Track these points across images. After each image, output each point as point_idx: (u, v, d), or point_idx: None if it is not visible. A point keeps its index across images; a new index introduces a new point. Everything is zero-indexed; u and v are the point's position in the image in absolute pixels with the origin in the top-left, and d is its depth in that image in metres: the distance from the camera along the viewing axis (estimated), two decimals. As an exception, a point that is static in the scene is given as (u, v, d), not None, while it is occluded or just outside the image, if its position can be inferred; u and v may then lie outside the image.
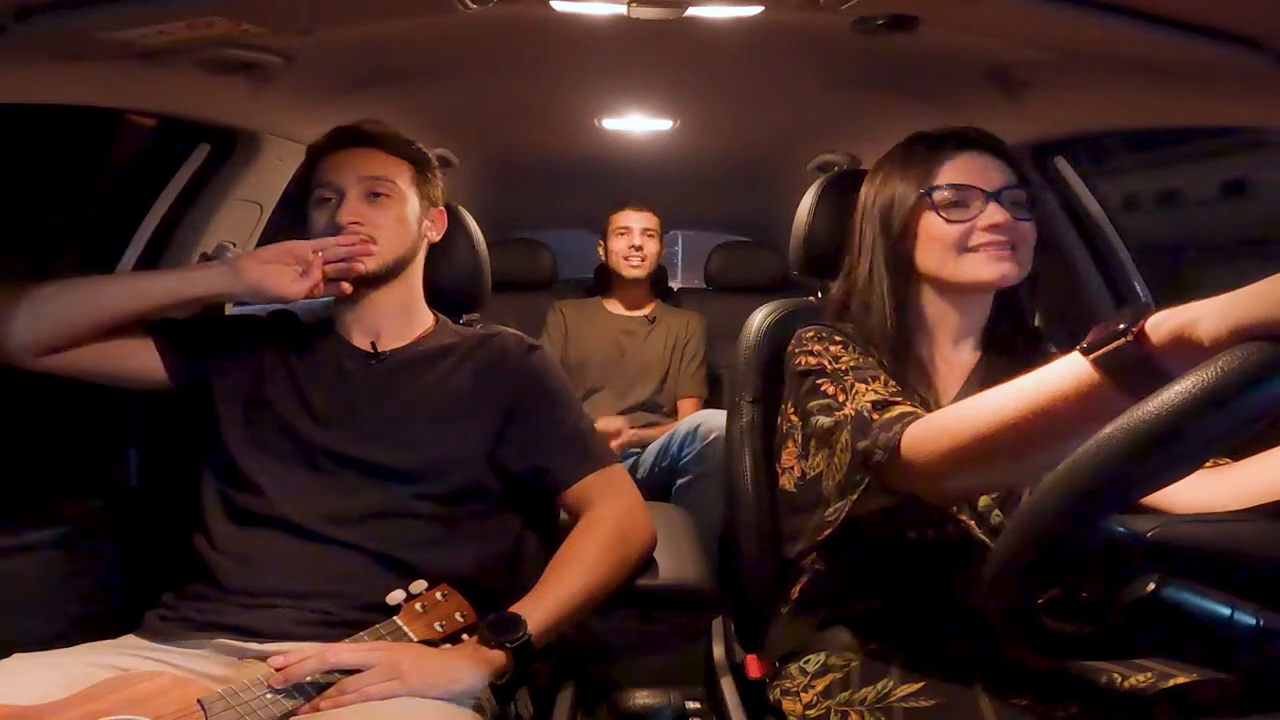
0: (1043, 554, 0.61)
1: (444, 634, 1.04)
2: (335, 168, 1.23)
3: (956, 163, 1.05)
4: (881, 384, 0.97)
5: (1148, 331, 0.62)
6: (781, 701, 1.05)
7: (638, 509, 1.22)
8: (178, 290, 1.18)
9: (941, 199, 1.04)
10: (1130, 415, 0.56)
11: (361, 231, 1.20)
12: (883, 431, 0.88)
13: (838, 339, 1.06)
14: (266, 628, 1.04)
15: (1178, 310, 0.61)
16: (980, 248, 1.03)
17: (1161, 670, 0.85)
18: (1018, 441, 0.73)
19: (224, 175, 1.68)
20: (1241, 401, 0.53)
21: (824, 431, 0.99)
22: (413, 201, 1.27)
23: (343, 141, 1.25)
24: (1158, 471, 0.57)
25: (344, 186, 1.22)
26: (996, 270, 1.03)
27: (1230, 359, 0.54)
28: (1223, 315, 0.57)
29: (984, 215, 1.03)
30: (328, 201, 1.22)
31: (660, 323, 2.66)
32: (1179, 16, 0.96)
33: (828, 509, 0.98)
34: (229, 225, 1.72)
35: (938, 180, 1.05)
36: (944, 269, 1.05)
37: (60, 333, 1.14)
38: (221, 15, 1.04)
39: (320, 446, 1.16)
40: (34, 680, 0.90)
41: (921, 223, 1.06)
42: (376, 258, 1.21)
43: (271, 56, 1.31)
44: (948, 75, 1.45)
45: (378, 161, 1.24)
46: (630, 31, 1.31)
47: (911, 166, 1.07)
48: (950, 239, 1.04)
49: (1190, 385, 0.54)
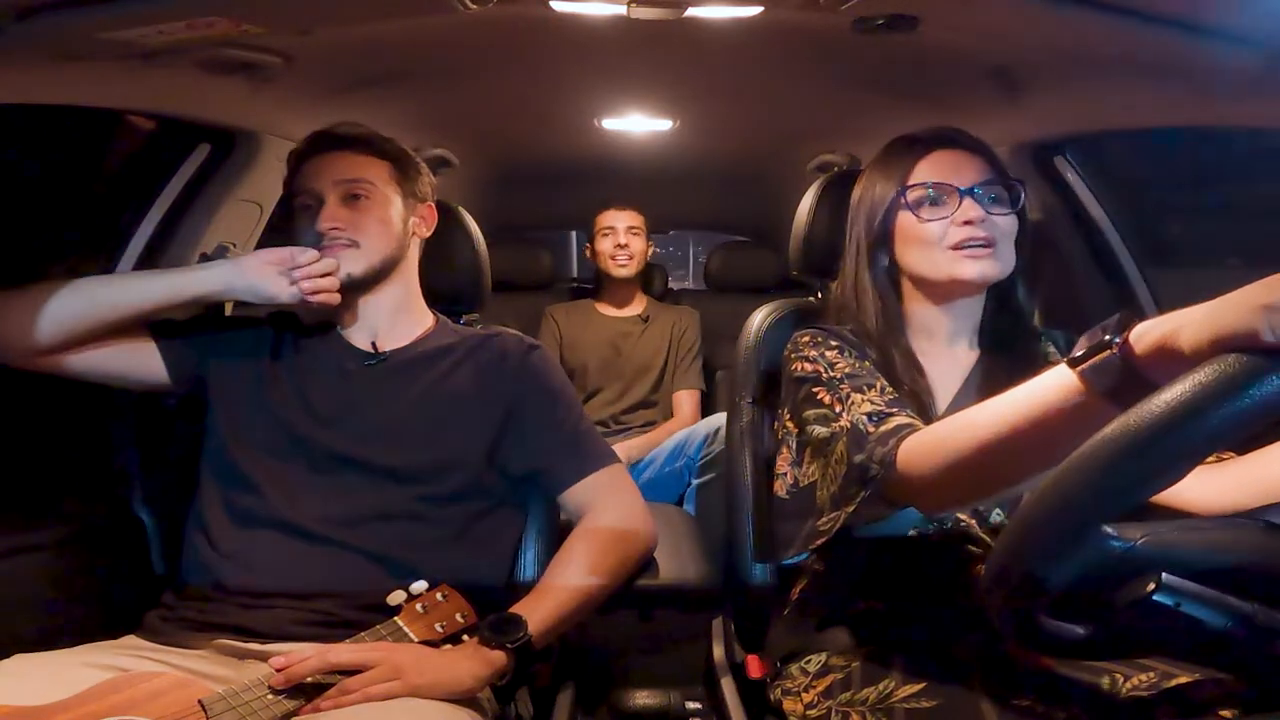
0: (1036, 563, 0.62)
1: (444, 634, 1.04)
2: (312, 173, 1.23)
3: (930, 161, 1.06)
4: (877, 392, 0.97)
5: (1132, 342, 0.63)
6: (782, 702, 1.05)
7: (638, 509, 1.22)
8: (180, 289, 1.18)
9: (915, 197, 1.05)
10: (1113, 428, 0.57)
11: (342, 236, 1.20)
12: (879, 446, 0.88)
13: (833, 344, 1.05)
14: (267, 628, 1.04)
15: (1160, 320, 0.62)
16: (958, 245, 1.03)
17: (1162, 670, 0.85)
18: (1012, 453, 0.74)
19: (224, 175, 1.68)
20: (1220, 414, 0.54)
21: (820, 442, 0.99)
22: (395, 200, 1.26)
23: (318, 146, 1.25)
24: (1143, 482, 0.58)
25: (322, 192, 1.21)
26: (975, 268, 1.03)
27: (1207, 372, 0.54)
28: (1202, 326, 0.58)
29: (959, 212, 1.03)
30: (309, 208, 1.22)
31: (654, 321, 2.67)
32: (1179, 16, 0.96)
33: (821, 518, 0.98)
34: (229, 225, 1.72)
35: (912, 179, 1.05)
36: (924, 267, 1.06)
37: (62, 333, 1.14)
38: (221, 15, 1.04)
39: (320, 447, 1.16)
40: (35, 680, 0.90)
41: (899, 222, 1.07)
42: (363, 260, 1.21)
43: (271, 56, 1.31)
44: (948, 75, 1.45)
45: (354, 164, 1.24)
46: (630, 32, 1.31)
47: (889, 167, 1.08)
48: (926, 237, 1.04)
49: (1169, 398, 0.55)
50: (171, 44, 1.10)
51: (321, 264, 1.18)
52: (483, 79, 1.71)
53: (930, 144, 1.07)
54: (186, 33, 1.07)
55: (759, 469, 1.27)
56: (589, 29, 1.30)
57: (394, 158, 1.27)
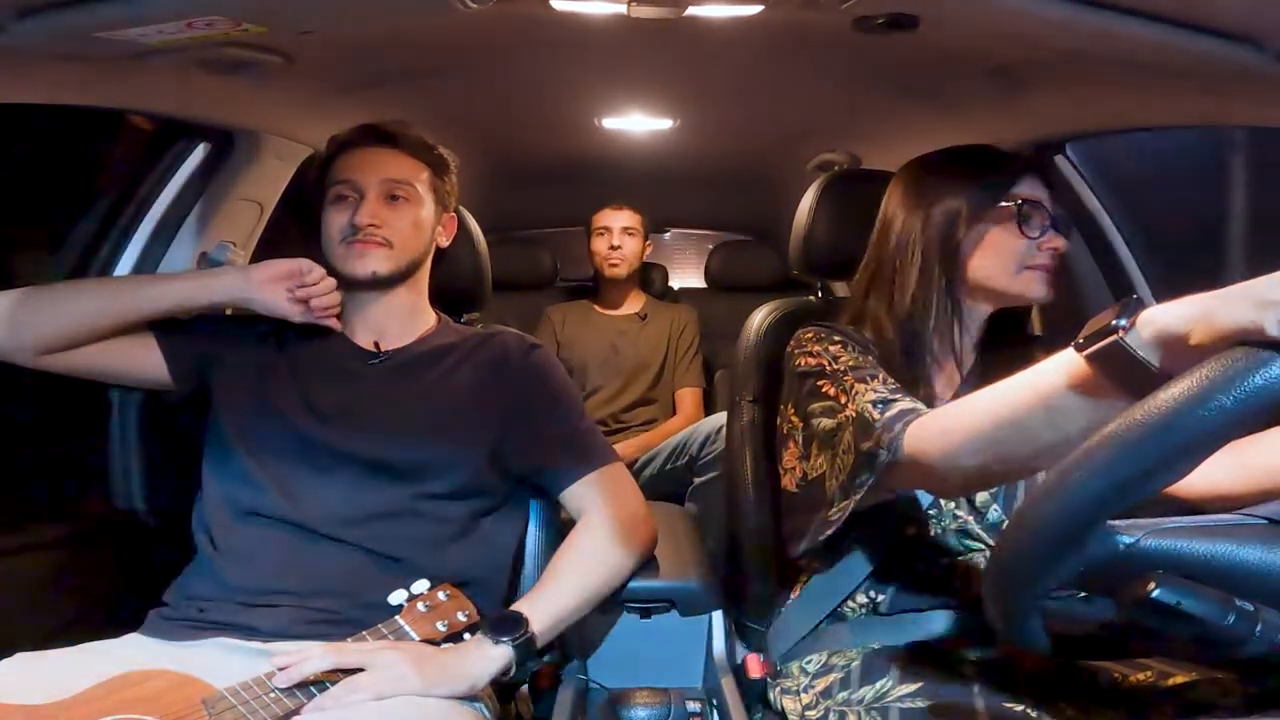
0: (1037, 562, 0.62)
1: (446, 633, 1.04)
2: (357, 166, 1.23)
3: (1028, 183, 1.07)
4: (880, 381, 0.98)
5: (1138, 328, 0.63)
6: (782, 701, 1.05)
7: (639, 508, 1.22)
8: (192, 296, 1.20)
9: (1022, 213, 1.06)
10: (1117, 424, 0.58)
11: (378, 234, 1.20)
12: (885, 431, 0.89)
13: (836, 339, 1.06)
14: (269, 627, 1.04)
15: (1167, 308, 0.62)
16: (1037, 267, 1.06)
17: (1161, 670, 0.85)
18: (1018, 436, 0.75)
19: (224, 175, 1.68)
20: (1224, 409, 0.54)
21: (826, 434, 0.99)
22: (429, 205, 1.27)
23: (366, 139, 1.24)
24: (1146, 478, 0.58)
25: (364, 186, 1.21)
26: (1044, 290, 1.07)
27: (1211, 367, 0.55)
28: (1207, 317, 0.58)
29: (1047, 237, 1.05)
30: (345, 200, 1.22)
31: (652, 319, 2.67)
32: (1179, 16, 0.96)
33: (831, 509, 0.98)
34: (229, 225, 1.72)
35: (1016, 194, 1.06)
36: (998, 280, 1.07)
37: (69, 333, 1.14)
38: (221, 15, 1.04)
39: (323, 445, 1.16)
40: (37, 679, 0.90)
41: (991, 231, 1.07)
42: (391, 261, 1.22)
43: (271, 56, 1.31)
44: (948, 75, 1.45)
45: (400, 163, 1.24)
46: (630, 31, 1.31)
47: (970, 178, 1.08)
48: (1017, 253, 1.06)
49: (1174, 394, 0.55)
50: (171, 44, 1.10)
51: (326, 283, 1.19)
52: (483, 78, 1.71)
53: (1022, 167, 1.09)
54: (186, 32, 1.07)
55: (759, 468, 1.27)
56: (589, 27, 1.30)
57: (434, 164, 1.28)
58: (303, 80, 1.47)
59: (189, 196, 1.67)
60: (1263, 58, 0.97)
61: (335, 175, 1.24)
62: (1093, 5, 0.97)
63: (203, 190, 1.67)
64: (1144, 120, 1.36)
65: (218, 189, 1.68)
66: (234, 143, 1.66)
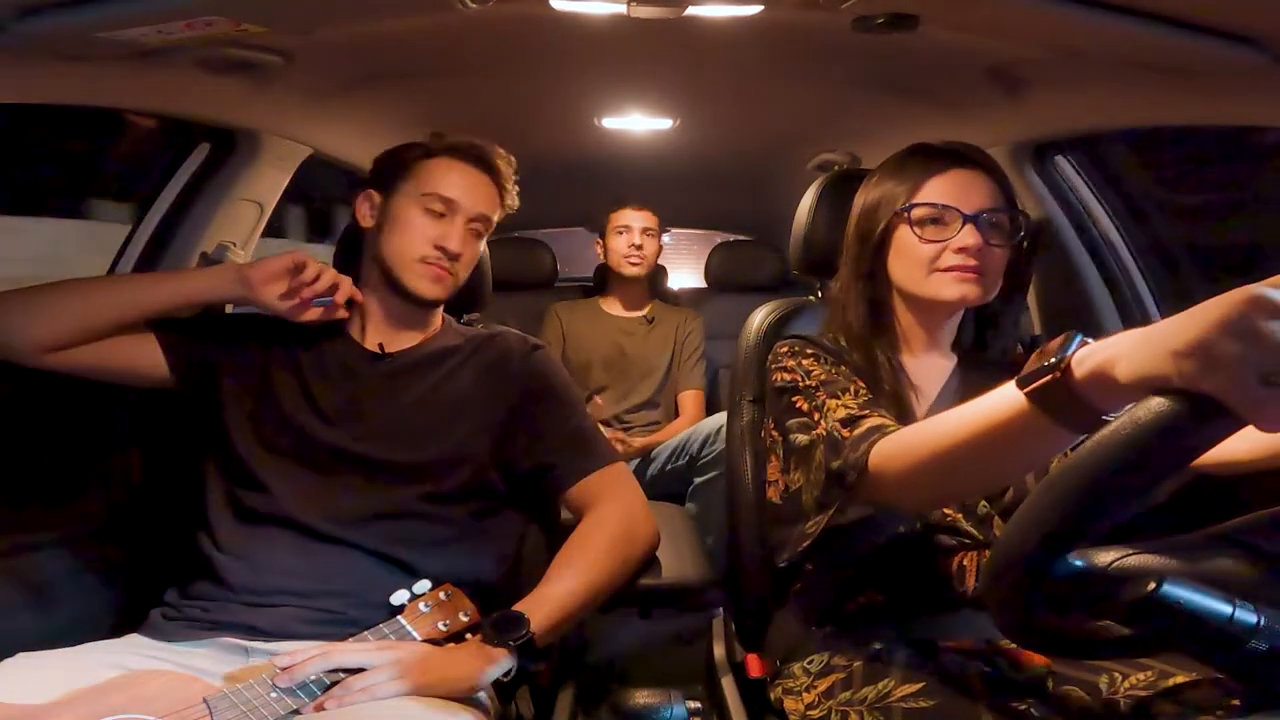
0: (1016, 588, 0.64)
1: (448, 633, 1.04)
2: (459, 186, 1.23)
3: (942, 180, 1.06)
4: (851, 395, 0.99)
5: (1073, 367, 0.64)
6: (783, 701, 1.05)
7: (640, 508, 1.22)
8: (182, 293, 1.20)
9: (919, 216, 1.05)
10: (1059, 469, 0.61)
11: (455, 265, 1.22)
12: (851, 451, 0.91)
13: (809, 352, 1.07)
14: (271, 626, 1.04)
15: (1102, 345, 0.63)
16: (949, 269, 1.04)
17: (1161, 670, 0.85)
18: (968, 463, 0.77)
19: (224, 175, 1.68)
20: (1134, 461, 0.57)
21: (802, 449, 1.01)
22: (483, 244, 1.30)
23: (475, 160, 1.25)
24: (1095, 516, 0.60)
25: (460, 211, 1.22)
26: (958, 291, 1.04)
27: (1127, 420, 0.57)
28: (1131, 360, 0.60)
29: (957, 238, 1.04)
30: (436, 214, 1.22)
31: (659, 322, 2.67)
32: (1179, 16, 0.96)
33: (808, 522, 0.99)
34: (229, 225, 1.72)
35: (919, 197, 1.06)
36: (911, 283, 1.07)
37: (69, 331, 1.14)
38: (221, 15, 1.04)
39: (326, 445, 1.16)
40: (39, 679, 0.90)
41: (898, 234, 1.07)
42: (450, 289, 1.24)
43: (271, 56, 1.31)
44: (948, 75, 1.45)
45: (491, 197, 1.26)
46: (630, 30, 1.31)
47: (899, 178, 1.08)
48: (921, 256, 1.05)
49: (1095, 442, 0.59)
50: (171, 44, 1.10)
51: (325, 278, 1.19)
52: (483, 78, 1.71)
53: (946, 160, 1.07)
54: (186, 33, 1.07)
55: (759, 468, 1.27)
56: (589, 27, 1.30)
57: (506, 205, 1.30)
58: (303, 80, 1.47)
59: (189, 197, 1.67)
60: (1263, 57, 0.97)
61: (434, 184, 1.22)
62: (1093, 5, 0.98)
63: (203, 190, 1.67)
64: (1144, 120, 1.37)
65: (218, 189, 1.68)
66: (234, 143, 1.66)
